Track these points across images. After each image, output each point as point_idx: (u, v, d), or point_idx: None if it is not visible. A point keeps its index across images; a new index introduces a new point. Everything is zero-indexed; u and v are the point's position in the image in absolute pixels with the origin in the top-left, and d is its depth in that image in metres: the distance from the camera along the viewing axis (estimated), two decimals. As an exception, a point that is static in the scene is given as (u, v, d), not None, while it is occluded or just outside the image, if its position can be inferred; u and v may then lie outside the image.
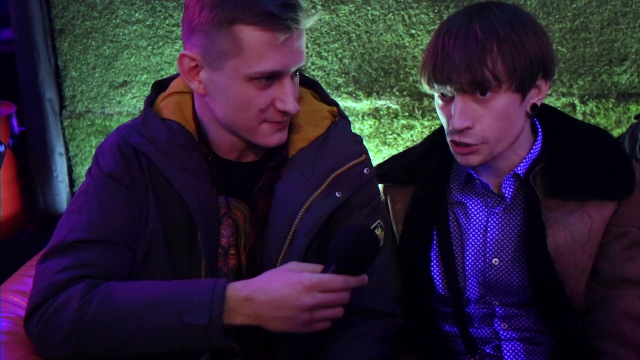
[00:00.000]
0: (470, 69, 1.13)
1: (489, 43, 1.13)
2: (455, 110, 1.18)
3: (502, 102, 1.17)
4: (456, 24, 1.17)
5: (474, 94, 1.16)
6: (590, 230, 1.20)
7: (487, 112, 1.17)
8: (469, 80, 1.14)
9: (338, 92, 2.11)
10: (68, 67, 2.31)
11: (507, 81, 1.15)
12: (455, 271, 1.29)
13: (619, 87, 1.96)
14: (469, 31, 1.14)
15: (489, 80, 1.14)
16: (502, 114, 1.17)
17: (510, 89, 1.16)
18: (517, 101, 1.18)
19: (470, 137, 1.19)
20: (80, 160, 2.39)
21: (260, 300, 1.03)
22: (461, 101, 1.17)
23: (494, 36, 1.14)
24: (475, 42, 1.13)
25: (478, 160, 1.21)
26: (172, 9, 2.18)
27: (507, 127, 1.19)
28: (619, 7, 1.91)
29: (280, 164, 1.22)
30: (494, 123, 1.18)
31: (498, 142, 1.20)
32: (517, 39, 1.14)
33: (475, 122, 1.17)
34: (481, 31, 1.14)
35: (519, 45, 1.14)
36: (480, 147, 1.19)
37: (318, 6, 2.07)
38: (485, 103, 1.16)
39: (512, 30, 1.14)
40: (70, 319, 1.04)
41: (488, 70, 1.13)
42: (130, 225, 1.15)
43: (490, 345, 1.30)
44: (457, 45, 1.14)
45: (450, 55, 1.15)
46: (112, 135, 1.22)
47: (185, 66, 1.12)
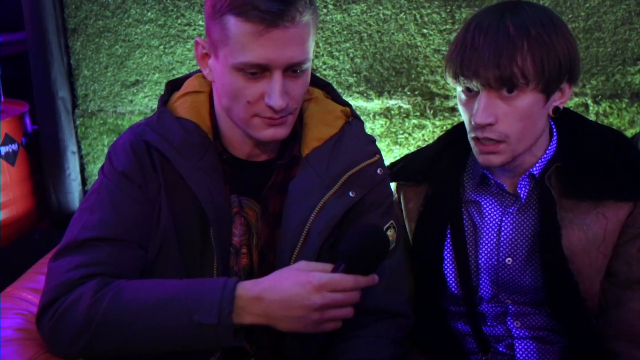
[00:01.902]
0: (499, 65, 1.12)
1: (521, 40, 1.12)
2: (480, 105, 1.17)
3: (527, 102, 1.16)
4: (487, 19, 1.16)
5: (500, 90, 1.15)
6: (606, 230, 1.20)
7: (511, 110, 1.16)
8: (497, 76, 1.13)
9: (349, 91, 2.11)
10: (81, 66, 2.32)
11: (535, 80, 1.14)
12: (468, 270, 1.29)
13: (632, 87, 1.94)
14: (500, 27, 1.14)
15: (517, 78, 1.13)
16: (525, 113, 1.16)
17: (537, 89, 1.15)
18: (541, 102, 1.17)
19: (493, 133, 1.18)
20: (93, 159, 2.40)
21: (269, 300, 1.03)
22: (486, 97, 1.16)
23: (525, 34, 1.13)
24: (507, 38, 1.12)
25: (500, 161, 1.21)
26: (184, 8, 2.19)
27: (529, 127, 1.18)
28: (633, 7, 1.90)
29: (291, 162, 1.22)
30: (517, 122, 1.17)
31: (519, 142, 1.19)
32: (548, 39, 1.13)
33: (498, 119, 1.17)
34: (513, 28, 1.13)
35: (550, 46, 1.13)
36: (501, 147, 1.19)
37: (330, 5, 2.07)
38: (510, 101, 1.16)
39: (543, 30, 1.13)
40: (81, 317, 1.05)
41: (517, 67, 1.12)
42: (142, 224, 1.15)
43: (503, 344, 1.30)
44: (488, 39, 1.13)
45: (479, 49, 1.14)
46: (125, 134, 1.22)
47: (198, 52, 1.16)
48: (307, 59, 1.11)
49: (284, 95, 1.09)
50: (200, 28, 2.21)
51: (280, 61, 1.07)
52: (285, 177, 1.22)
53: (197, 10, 2.19)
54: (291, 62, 1.08)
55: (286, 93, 1.10)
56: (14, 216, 2.36)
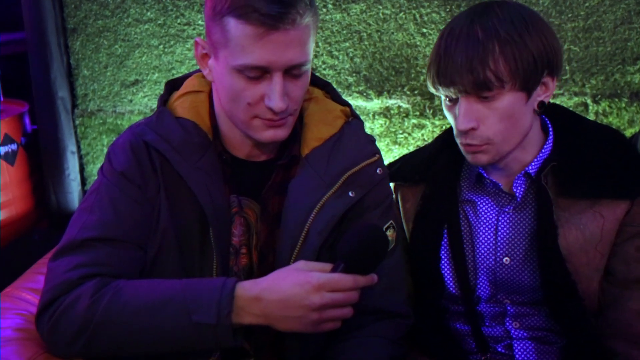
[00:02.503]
0: (472, 70, 1.14)
1: (490, 43, 1.14)
2: (460, 112, 1.19)
3: (506, 102, 1.17)
4: (458, 26, 1.18)
5: (477, 95, 1.16)
6: (603, 229, 1.20)
7: (491, 113, 1.18)
8: (472, 81, 1.14)
9: (349, 91, 2.11)
10: (80, 66, 2.32)
11: (510, 81, 1.15)
12: (466, 269, 1.29)
13: (632, 86, 1.94)
14: (470, 32, 1.15)
15: (491, 81, 1.14)
16: (506, 113, 1.17)
17: (514, 88, 1.16)
18: (522, 100, 1.18)
19: (475, 138, 1.19)
20: (92, 159, 2.40)
21: (268, 300, 1.03)
22: (465, 102, 1.18)
23: (494, 36, 1.14)
24: (477, 43, 1.14)
25: (486, 159, 1.22)
26: (184, 8, 2.19)
27: (512, 127, 1.19)
28: (632, 6, 1.90)
29: (291, 162, 1.22)
30: (499, 123, 1.18)
31: (504, 142, 1.20)
32: (519, 38, 1.14)
33: (479, 122, 1.18)
34: (482, 32, 1.14)
35: (521, 44, 1.14)
36: (486, 147, 1.20)
37: (329, 5, 2.07)
38: (489, 103, 1.17)
39: (513, 29, 1.14)
40: (80, 317, 1.05)
41: (490, 70, 1.14)
42: (141, 224, 1.15)
43: (501, 344, 1.30)
44: (459, 46, 1.15)
45: (452, 57, 1.16)
46: (124, 134, 1.22)
47: (198, 52, 1.16)
48: (308, 61, 1.11)
49: (284, 97, 1.09)
50: (199, 28, 2.20)
51: (281, 63, 1.07)
52: (285, 177, 1.22)
53: (197, 9, 2.19)
54: (291, 64, 1.08)
55: (286, 94, 1.10)
56: (14, 216, 2.36)
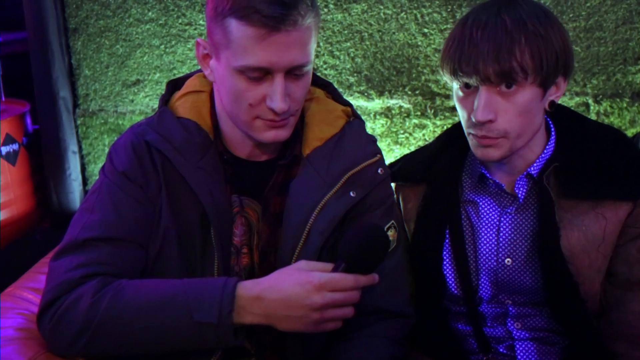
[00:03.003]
0: (499, 59, 1.12)
1: (518, 34, 1.12)
2: (480, 102, 1.16)
3: (526, 97, 1.16)
4: (484, 14, 1.15)
5: (499, 85, 1.15)
6: (605, 231, 1.19)
7: (510, 106, 1.16)
8: (497, 70, 1.13)
9: (350, 91, 2.11)
10: (82, 66, 2.32)
11: (533, 74, 1.14)
12: (467, 270, 1.28)
13: (633, 86, 1.94)
14: (498, 21, 1.13)
15: (517, 72, 1.13)
16: (524, 108, 1.16)
17: (535, 83, 1.15)
18: (539, 97, 1.17)
19: (492, 131, 1.17)
20: (93, 159, 2.41)
21: (270, 300, 1.03)
22: (486, 93, 1.16)
23: (523, 28, 1.13)
24: (505, 32, 1.12)
25: (498, 155, 1.20)
26: (185, 8, 2.19)
27: (528, 123, 1.18)
28: (634, 6, 1.90)
29: (292, 162, 1.22)
30: (517, 117, 1.16)
31: (518, 137, 1.19)
32: (545, 33, 1.13)
33: (497, 115, 1.16)
34: (510, 22, 1.13)
35: (547, 40, 1.13)
36: (500, 141, 1.18)
37: (330, 5, 2.07)
38: (510, 96, 1.15)
39: (539, 24, 1.13)
40: (81, 317, 1.05)
41: (516, 61, 1.12)
42: (142, 224, 1.15)
43: (503, 345, 1.29)
44: (486, 34, 1.13)
45: (478, 44, 1.13)
46: (126, 134, 1.22)
47: (199, 52, 1.16)
48: (309, 62, 1.11)
49: (286, 98, 1.09)
50: (201, 27, 2.21)
51: (282, 64, 1.07)
52: (286, 177, 1.22)
53: (198, 9, 2.19)
54: (293, 65, 1.08)
55: (288, 95, 1.10)
56: (15, 216, 2.36)
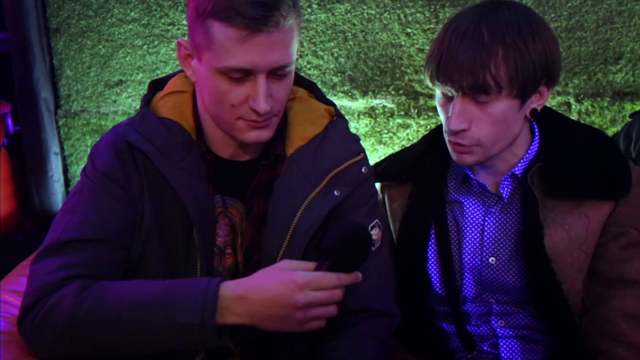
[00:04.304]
0: (473, 72, 1.13)
1: (495, 47, 1.13)
2: (453, 112, 1.18)
3: (501, 108, 1.17)
4: (465, 23, 1.16)
5: (473, 96, 1.16)
6: (587, 230, 1.21)
7: (484, 116, 1.17)
8: (470, 83, 1.14)
9: (334, 91, 2.11)
10: (63, 66, 2.30)
11: (508, 87, 1.15)
12: (452, 269, 1.29)
13: (614, 85, 1.96)
14: (475, 32, 1.14)
15: (490, 85, 1.14)
16: (499, 119, 1.17)
17: (510, 95, 1.16)
18: (516, 107, 1.18)
19: (465, 139, 1.19)
20: (76, 160, 2.38)
21: (253, 300, 1.03)
22: (460, 103, 1.17)
23: (500, 40, 1.13)
24: (482, 45, 1.13)
25: (473, 160, 1.22)
26: (168, 7, 2.18)
27: (503, 132, 1.19)
28: (614, 6, 1.91)
29: (276, 162, 1.22)
30: (490, 127, 1.18)
31: (493, 145, 1.20)
32: (523, 45, 1.13)
33: (471, 124, 1.18)
34: (488, 34, 1.13)
35: (524, 52, 1.13)
36: (474, 149, 1.20)
37: (314, 5, 2.07)
38: (484, 107, 1.16)
39: (519, 35, 1.13)
40: (63, 319, 1.04)
41: (490, 75, 1.13)
42: (125, 225, 1.15)
43: (487, 343, 1.30)
44: (463, 45, 1.14)
45: (454, 55, 1.14)
46: (107, 134, 1.21)
47: (181, 53, 1.15)
48: (291, 62, 1.11)
49: (268, 99, 1.09)
50: (184, 28, 2.19)
51: (265, 65, 1.07)
52: (270, 177, 1.22)
53: (181, 9, 2.18)
54: (275, 66, 1.08)
55: (270, 96, 1.10)
56: (-3, 218, 2.34)
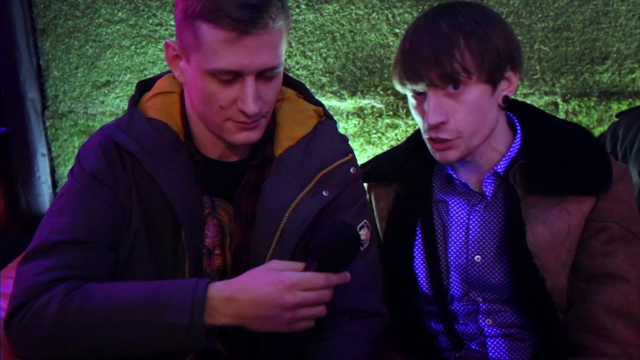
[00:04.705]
0: (440, 63, 1.15)
1: (455, 37, 1.16)
2: (429, 107, 1.20)
3: (474, 95, 1.19)
4: (422, 23, 1.20)
5: (445, 88, 1.18)
6: (569, 226, 1.22)
7: (460, 106, 1.19)
8: (439, 74, 1.16)
9: (322, 91, 2.11)
10: (50, 67, 2.29)
11: (477, 72, 1.17)
12: (439, 268, 1.30)
13: (600, 85, 1.98)
14: (434, 27, 1.17)
15: (459, 72, 1.16)
16: (474, 106, 1.19)
17: (481, 80, 1.18)
18: (489, 93, 1.20)
19: (446, 132, 1.21)
20: (63, 161, 2.37)
21: (241, 300, 1.02)
22: (434, 97, 1.19)
23: (459, 30, 1.17)
24: (442, 36, 1.16)
25: (456, 156, 1.23)
26: (156, 8, 2.17)
27: (480, 120, 1.21)
28: (600, 7, 1.93)
29: (264, 162, 1.22)
30: (468, 116, 1.20)
31: (473, 136, 1.22)
32: (483, 32, 1.17)
33: (449, 116, 1.20)
34: (447, 26, 1.17)
35: (485, 38, 1.17)
36: (456, 142, 1.21)
37: (302, 5, 2.07)
38: (458, 97, 1.19)
39: (477, 24, 1.17)
40: (51, 321, 1.04)
41: (457, 62, 1.16)
42: (112, 226, 1.14)
43: (475, 342, 1.31)
44: (425, 41, 1.17)
45: (419, 52, 1.17)
46: (95, 135, 1.21)
47: (169, 54, 1.15)
48: (280, 64, 1.11)
49: (257, 100, 1.10)
50: (172, 28, 2.19)
51: (253, 67, 1.07)
52: (258, 177, 1.22)
53: (169, 10, 2.18)
54: (264, 68, 1.08)
55: (259, 97, 1.10)
56: (-17, 220, 2.32)
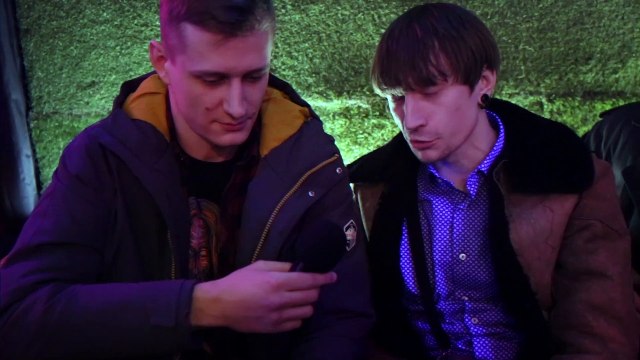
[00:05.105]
0: (415, 67, 1.17)
1: (430, 40, 1.17)
2: (407, 110, 1.21)
3: (452, 96, 1.20)
4: (397, 27, 1.21)
5: (422, 91, 1.19)
6: (552, 223, 1.23)
7: (438, 108, 1.20)
8: (416, 78, 1.17)
9: (309, 91, 2.11)
10: (34, 68, 2.27)
11: (453, 74, 1.18)
12: (425, 267, 1.30)
13: (584, 85, 1.99)
14: (409, 31, 1.18)
15: (435, 75, 1.17)
16: (453, 107, 1.20)
17: (457, 82, 1.19)
18: (466, 93, 1.21)
19: (425, 135, 1.22)
20: (48, 162, 2.36)
21: (228, 301, 1.02)
22: (412, 100, 1.20)
23: (433, 33, 1.18)
24: (416, 40, 1.17)
25: (437, 155, 1.24)
26: (141, 8, 2.16)
27: (459, 120, 1.22)
28: (584, 7, 1.95)
29: (250, 163, 1.22)
30: (446, 118, 1.21)
31: (453, 136, 1.23)
32: (457, 33, 1.18)
33: (428, 119, 1.21)
34: (420, 30, 1.18)
35: (459, 40, 1.18)
36: (435, 142, 1.22)
37: (288, 6, 2.07)
38: (436, 99, 1.20)
39: (450, 26, 1.18)
40: (35, 323, 1.03)
41: (432, 65, 1.17)
42: (97, 227, 1.14)
43: (462, 341, 1.31)
44: (400, 46, 1.18)
45: (394, 56, 1.18)
46: (79, 137, 1.20)
47: (154, 55, 1.15)
48: (266, 65, 1.11)
49: (243, 102, 1.10)
50: (157, 29, 2.18)
51: (240, 69, 1.07)
52: (245, 178, 1.21)
53: (154, 10, 2.17)
54: (250, 70, 1.08)
55: (245, 99, 1.10)
56: (-33, 222, 2.30)
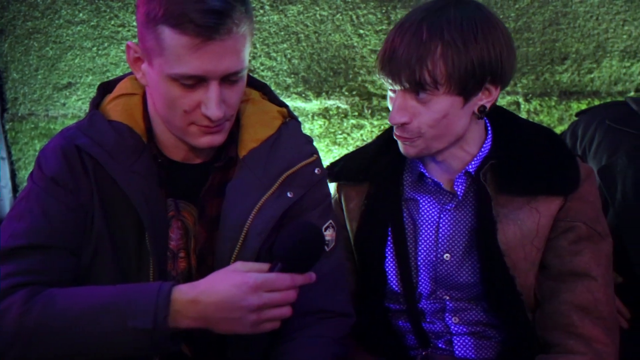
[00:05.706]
0: (410, 68, 1.16)
1: (433, 44, 1.15)
2: (394, 106, 1.21)
3: (441, 104, 1.19)
4: (409, 20, 1.19)
5: (413, 92, 1.19)
6: (539, 225, 1.24)
7: (425, 110, 1.20)
8: (408, 78, 1.17)
9: (287, 92, 2.11)
10: (9, 69, 2.24)
11: (445, 84, 1.17)
12: (408, 266, 1.30)
13: (560, 85, 2.02)
14: (416, 30, 1.17)
15: (427, 82, 1.17)
16: (440, 114, 1.20)
17: (450, 92, 1.18)
18: (459, 104, 1.20)
19: (407, 132, 1.22)
20: (24, 165, 2.33)
21: (206, 303, 1.02)
22: (401, 97, 1.20)
23: (439, 38, 1.16)
24: (420, 41, 1.16)
25: (414, 152, 1.25)
26: (118, 9, 2.14)
27: (445, 127, 1.22)
28: (559, 8, 1.97)
29: (228, 164, 1.21)
30: (431, 121, 1.21)
31: (435, 139, 1.23)
32: (462, 43, 1.15)
33: (412, 118, 1.21)
34: (427, 31, 1.16)
35: (462, 50, 1.16)
36: (416, 140, 1.23)
37: (266, 6, 2.07)
38: (425, 102, 1.20)
39: (459, 34, 1.16)
40: (11, 327, 1.02)
41: (427, 71, 1.16)
42: (74, 230, 1.12)
43: (442, 340, 1.32)
44: (404, 42, 1.17)
45: (396, 51, 1.18)
46: (55, 138, 1.19)
47: (130, 56, 1.14)
48: (244, 68, 1.11)
49: (221, 105, 1.09)
50: (134, 29, 2.16)
51: (218, 73, 1.07)
52: (223, 179, 1.21)
53: (131, 11, 2.15)
54: (228, 73, 1.08)
55: (223, 101, 1.10)
56: (-59, 226, 2.26)
